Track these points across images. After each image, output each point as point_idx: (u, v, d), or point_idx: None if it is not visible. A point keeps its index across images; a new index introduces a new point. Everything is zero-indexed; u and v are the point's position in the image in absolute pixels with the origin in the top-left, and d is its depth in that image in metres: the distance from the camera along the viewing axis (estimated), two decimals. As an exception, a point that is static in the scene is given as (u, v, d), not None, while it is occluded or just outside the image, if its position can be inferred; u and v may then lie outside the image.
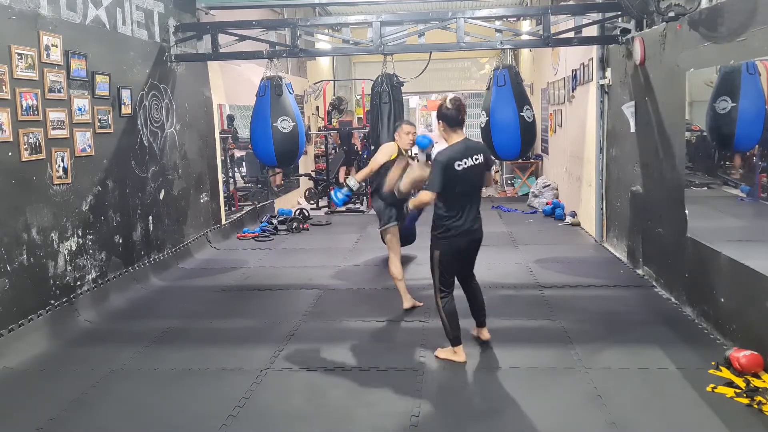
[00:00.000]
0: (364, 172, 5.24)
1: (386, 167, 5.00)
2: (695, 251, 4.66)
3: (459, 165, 3.80)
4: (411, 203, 4.10)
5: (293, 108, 6.36)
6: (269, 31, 6.83)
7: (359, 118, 13.78)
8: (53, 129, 4.86)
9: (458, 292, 4.15)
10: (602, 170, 7.23)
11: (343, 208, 10.62)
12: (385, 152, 5.14)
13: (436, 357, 4.09)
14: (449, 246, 3.94)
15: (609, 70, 6.94)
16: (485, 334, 4.29)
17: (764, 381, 3.55)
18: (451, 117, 3.89)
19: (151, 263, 6.34)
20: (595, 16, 6.51)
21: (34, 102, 4.64)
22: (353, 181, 5.13)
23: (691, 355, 4.02)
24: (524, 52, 13.10)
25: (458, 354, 4.01)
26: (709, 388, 3.53)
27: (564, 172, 9.43)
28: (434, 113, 4.19)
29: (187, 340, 4.61)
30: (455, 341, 4.01)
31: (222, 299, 5.64)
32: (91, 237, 5.35)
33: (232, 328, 4.86)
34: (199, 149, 7.60)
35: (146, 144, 6.34)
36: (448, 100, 3.93)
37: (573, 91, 8.49)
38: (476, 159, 3.89)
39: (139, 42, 6.28)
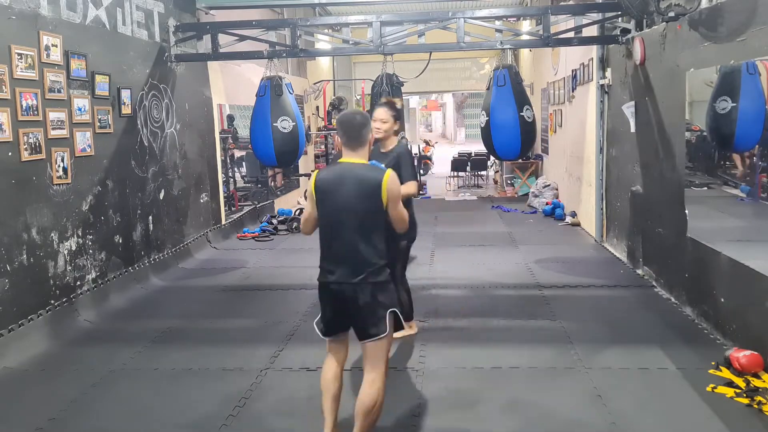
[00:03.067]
0: None
1: None
2: (695, 251, 4.66)
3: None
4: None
5: (293, 108, 6.36)
6: (269, 31, 6.83)
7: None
8: (53, 129, 4.86)
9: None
10: (602, 170, 7.23)
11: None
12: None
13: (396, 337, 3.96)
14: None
15: (609, 70, 6.94)
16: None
17: (764, 381, 3.55)
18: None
19: (151, 263, 6.34)
20: (595, 16, 6.51)
21: (34, 102, 4.64)
22: None
23: (691, 355, 4.02)
24: (524, 52, 13.09)
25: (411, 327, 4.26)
26: (709, 388, 3.53)
27: (564, 172, 9.43)
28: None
29: (187, 340, 4.60)
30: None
31: (222, 299, 5.64)
32: (91, 237, 5.35)
33: (232, 328, 4.85)
34: (199, 149, 7.60)
35: (146, 144, 6.34)
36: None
37: (573, 91, 8.49)
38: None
39: (139, 42, 6.28)
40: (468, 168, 14.18)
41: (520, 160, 11.06)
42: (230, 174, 9.49)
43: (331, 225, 2.86)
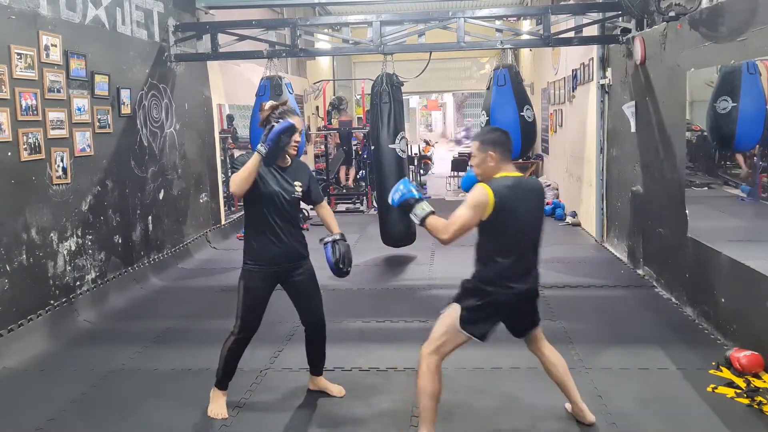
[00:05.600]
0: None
1: None
2: (696, 251, 4.66)
3: None
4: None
5: (294, 109, 6.34)
6: (269, 30, 6.82)
7: (359, 118, 13.78)
8: (53, 129, 4.85)
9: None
10: (603, 170, 7.23)
11: (343, 208, 10.62)
12: None
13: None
14: None
15: (609, 69, 6.93)
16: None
17: (765, 381, 3.54)
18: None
19: (151, 263, 6.33)
20: (596, 15, 6.51)
21: (34, 102, 4.64)
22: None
23: (691, 356, 4.02)
24: (524, 52, 13.09)
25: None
26: (709, 389, 3.53)
27: (564, 172, 9.42)
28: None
29: (187, 340, 4.60)
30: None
31: (222, 299, 5.63)
32: (90, 237, 5.34)
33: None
34: (198, 149, 7.60)
35: (146, 144, 6.34)
36: None
37: (573, 91, 8.49)
38: None
39: (139, 42, 6.27)
40: (468, 168, 14.16)
41: (520, 160, 11.05)
42: (230, 174, 9.48)
43: (518, 237, 2.94)
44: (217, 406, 3.43)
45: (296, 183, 3.39)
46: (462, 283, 3.06)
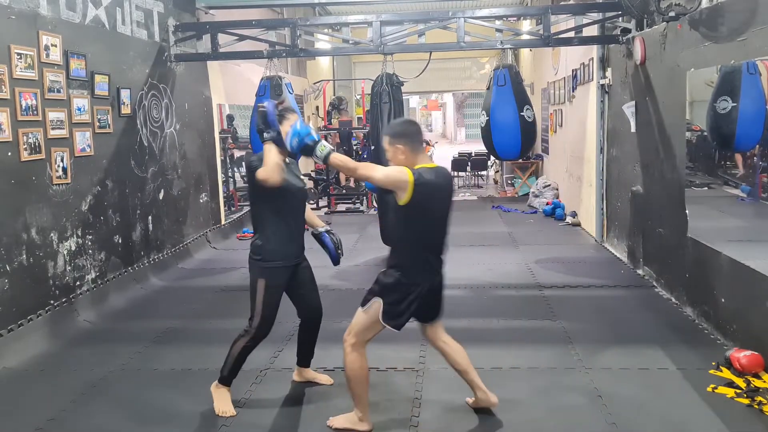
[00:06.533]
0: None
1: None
2: (696, 251, 4.66)
3: None
4: None
5: (293, 108, 6.34)
6: (269, 30, 6.83)
7: (359, 118, 13.78)
8: (53, 129, 4.85)
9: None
10: (602, 170, 7.23)
11: (343, 208, 10.61)
12: None
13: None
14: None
15: (609, 69, 6.93)
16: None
17: (765, 381, 3.54)
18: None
19: (151, 263, 6.33)
20: (596, 15, 6.51)
21: (34, 102, 4.64)
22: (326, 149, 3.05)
23: (691, 356, 4.02)
24: (524, 52, 13.09)
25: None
26: (709, 389, 3.53)
27: (564, 172, 9.42)
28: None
29: (187, 340, 4.60)
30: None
31: (222, 299, 5.63)
32: (90, 237, 5.34)
33: (231, 328, 4.80)
34: (198, 149, 7.60)
35: (146, 144, 6.34)
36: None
37: (573, 91, 8.49)
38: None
39: (139, 42, 6.27)
40: (468, 168, 14.16)
41: (520, 160, 11.05)
42: (230, 174, 9.49)
43: (438, 226, 3.07)
44: (224, 403, 3.44)
45: (302, 176, 3.44)
46: (380, 277, 3.13)
